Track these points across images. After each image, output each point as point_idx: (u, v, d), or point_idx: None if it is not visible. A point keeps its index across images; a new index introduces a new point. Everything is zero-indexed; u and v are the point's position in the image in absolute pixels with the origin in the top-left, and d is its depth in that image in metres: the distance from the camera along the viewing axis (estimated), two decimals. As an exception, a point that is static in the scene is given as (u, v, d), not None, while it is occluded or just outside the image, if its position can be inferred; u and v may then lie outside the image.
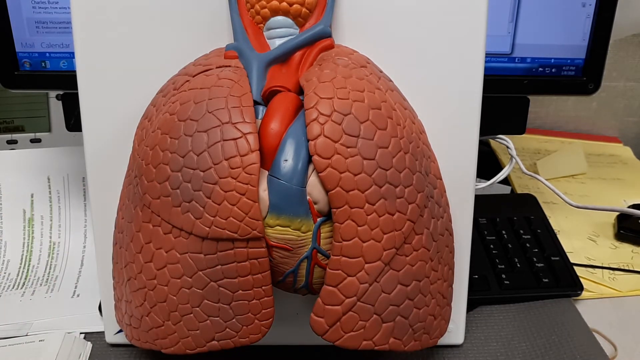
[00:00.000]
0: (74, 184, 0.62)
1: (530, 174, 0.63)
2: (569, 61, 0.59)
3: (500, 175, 0.60)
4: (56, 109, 0.69)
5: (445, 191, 0.44)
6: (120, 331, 0.48)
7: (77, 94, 0.57)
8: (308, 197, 0.37)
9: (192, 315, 0.39)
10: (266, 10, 0.41)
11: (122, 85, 0.44)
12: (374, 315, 0.39)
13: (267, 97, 0.39)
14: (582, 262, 0.61)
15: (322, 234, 0.37)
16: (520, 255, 0.59)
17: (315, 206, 0.37)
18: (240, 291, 0.38)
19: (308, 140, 0.36)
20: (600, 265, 0.61)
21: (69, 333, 0.50)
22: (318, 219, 0.37)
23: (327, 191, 0.36)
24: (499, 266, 0.58)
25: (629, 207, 0.66)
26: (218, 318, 0.39)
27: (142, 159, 0.40)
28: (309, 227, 0.37)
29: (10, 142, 0.70)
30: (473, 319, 0.53)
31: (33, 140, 0.70)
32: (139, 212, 0.40)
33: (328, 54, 0.41)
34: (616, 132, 0.88)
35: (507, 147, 0.60)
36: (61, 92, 0.58)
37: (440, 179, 0.43)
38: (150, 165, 0.39)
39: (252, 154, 0.36)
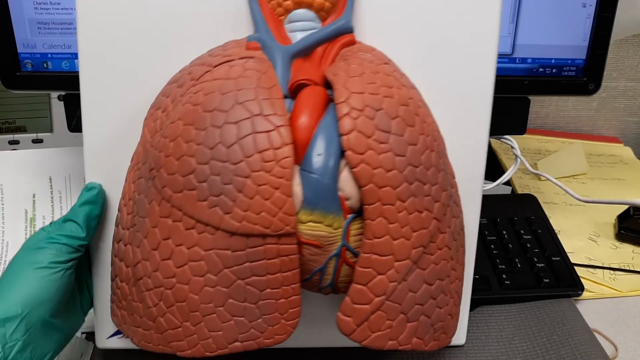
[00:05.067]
0: (76, 184, 0.62)
1: (536, 173, 0.63)
2: (569, 61, 0.59)
3: (507, 176, 0.60)
4: (58, 109, 0.69)
5: (458, 190, 0.44)
6: (114, 334, 0.47)
7: (79, 95, 0.57)
8: (340, 193, 0.36)
9: (214, 315, 0.38)
10: (289, 2, 0.40)
11: (125, 81, 0.43)
12: (401, 315, 0.38)
13: (293, 91, 0.38)
14: (583, 262, 0.61)
15: (351, 231, 0.37)
16: (520, 256, 0.59)
17: (346, 202, 0.36)
18: (269, 290, 0.37)
19: (340, 135, 0.35)
20: (600, 265, 0.61)
21: (70, 333, 0.50)
22: (348, 216, 0.36)
23: (359, 187, 0.36)
24: (500, 266, 0.58)
25: (631, 206, 0.66)
26: (243, 318, 0.37)
27: (159, 151, 0.38)
28: (340, 223, 0.36)
29: (12, 142, 0.70)
30: (474, 319, 0.53)
31: (35, 141, 0.70)
32: (155, 207, 0.38)
33: (350, 49, 0.40)
34: (617, 132, 0.88)
35: (512, 147, 0.60)
36: (63, 93, 0.58)
37: (454, 177, 0.43)
38: (172, 157, 0.37)
39: (286, 147, 0.35)
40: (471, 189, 0.45)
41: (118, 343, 0.46)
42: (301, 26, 0.40)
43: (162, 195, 0.38)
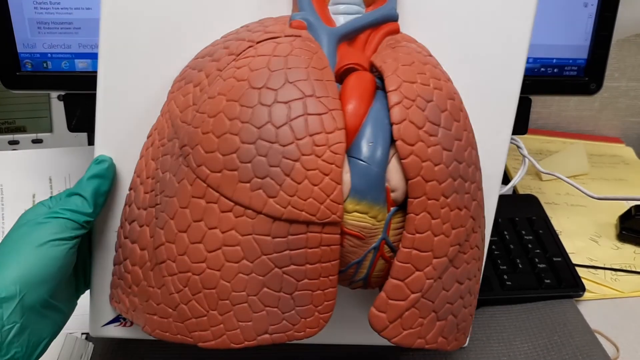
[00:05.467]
0: (76, 184, 0.62)
1: (547, 172, 0.63)
2: (571, 61, 0.59)
3: (518, 178, 0.60)
4: (58, 109, 0.69)
5: None
6: (111, 322, 0.44)
7: (78, 95, 0.57)
8: (386, 184, 0.35)
9: (245, 305, 0.35)
10: None
11: (148, 52, 0.41)
12: (432, 313, 0.37)
13: (340, 75, 0.37)
14: (584, 262, 0.61)
15: (391, 225, 0.35)
16: (522, 256, 0.59)
17: (392, 194, 0.35)
18: (306, 280, 0.35)
19: (391, 124, 0.34)
20: (602, 266, 0.61)
21: (70, 333, 0.49)
22: (392, 208, 0.35)
23: (407, 179, 0.34)
24: (501, 267, 0.58)
25: (632, 206, 0.66)
26: (276, 309, 0.36)
27: (195, 127, 0.36)
28: (384, 216, 0.35)
29: (12, 142, 0.70)
30: (475, 320, 0.53)
31: (34, 141, 0.70)
32: (186, 186, 0.36)
33: (394, 38, 0.39)
34: (618, 132, 0.88)
35: (518, 147, 0.60)
36: (63, 93, 0.58)
37: None
38: (211, 134, 0.35)
39: (339, 132, 0.34)
40: (489, 189, 0.44)
41: (114, 332, 0.44)
42: (345, 9, 0.39)
43: (197, 174, 0.35)
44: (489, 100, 0.42)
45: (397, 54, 0.37)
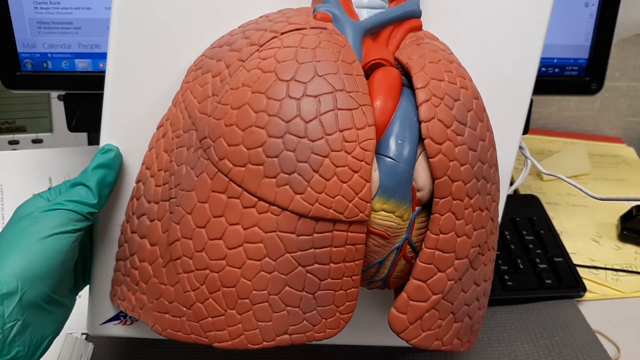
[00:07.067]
0: (76, 184, 0.62)
1: (549, 173, 0.63)
2: (572, 61, 0.58)
3: (521, 179, 0.60)
4: (58, 109, 0.69)
5: None
6: (110, 320, 0.43)
7: (78, 95, 0.57)
8: (413, 183, 0.34)
9: (266, 304, 0.34)
10: None
11: (161, 40, 0.40)
12: (450, 315, 0.37)
13: (366, 70, 0.36)
14: (585, 263, 0.61)
15: (415, 225, 0.35)
16: (523, 256, 0.59)
17: (417, 193, 0.34)
18: (329, 279, 0.34)
19: (420, 122, 0.34)
20: (603, 266, 0.61)
21: (70, 334, 0.49)
22: (417, 208, 0.35)
23: (434, 179, 0.34)
24: (502, 267, 0.57)
25: (634, 207, 0.66)
26: (297, 309, 0.35)
27: (217, 119, 0.35)
28: (409, 215, 0.34)
29: (11, 142, 0.70)
30: (475, 320, 0.53)
31: (35, 141, 0.70)
32: (206, 180, 0.35)
33: (417, 35, 0.38)
34: (619, 132, 0.88)
35: (521, 147, 0.60)
36: (63, 93, 0.58)
37: None
38: (235, 126, 0.34)
39: (369, 128, 0.33)
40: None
41: (114, 330, 0.43)
42: (369, 3, 0.38)
43: (219, 167, 0.34)
44: (501, 100, 0.42)
45: (423, 50, 0.36)
